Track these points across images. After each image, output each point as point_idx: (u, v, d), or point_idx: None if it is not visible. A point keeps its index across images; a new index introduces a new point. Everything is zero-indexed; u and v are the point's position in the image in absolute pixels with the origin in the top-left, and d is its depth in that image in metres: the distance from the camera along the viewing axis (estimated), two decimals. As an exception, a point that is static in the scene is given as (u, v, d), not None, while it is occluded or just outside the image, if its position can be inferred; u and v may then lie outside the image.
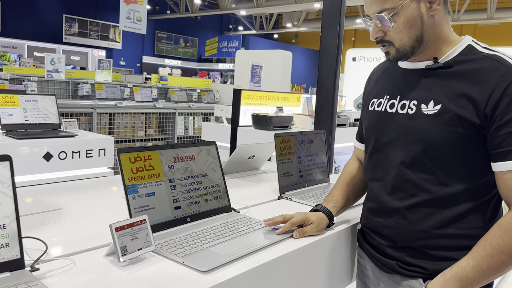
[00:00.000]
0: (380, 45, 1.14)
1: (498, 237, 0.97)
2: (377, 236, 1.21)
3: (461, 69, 1.06)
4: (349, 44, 20.30)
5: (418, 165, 1.09)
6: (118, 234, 0.96)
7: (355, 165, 1.42)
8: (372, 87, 1.31)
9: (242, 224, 1.22)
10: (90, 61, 16.66)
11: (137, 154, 1.12)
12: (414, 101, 1.11)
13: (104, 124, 5.34)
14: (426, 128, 1.07)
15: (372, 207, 1.23)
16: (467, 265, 0.99)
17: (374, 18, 1.09)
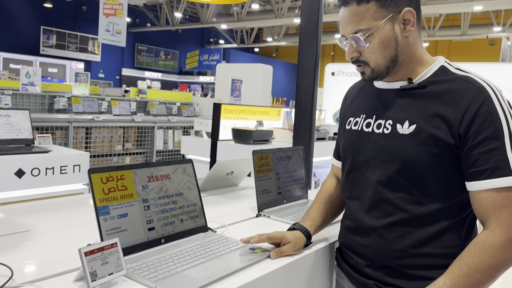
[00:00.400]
0: (356, 65, 1.15)
1: (474, 256, 0.98)
2: (355, 255, 1.20)
3: (435, 90, 1.07)
4: (328, 59, 20.61)
5: (394, 184, 1.10)
6: (88, 258, 0.92)
7: (332, 183, 1.42)
8: (349, 106, 1.32)
9: (218, 245, 1.19)
10: (68, 74, 16.43)
11: (109, 174, 1.09)
12: (390, 121, 1.12)
13: (81, 138, 5.23)
14: (401, 148, 1.08)
15: (349, 225, 1.22)
16: (443, 284, 0.98)
17: (350, 38, 1.10)
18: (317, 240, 1.34)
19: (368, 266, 1.16)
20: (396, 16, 1.07)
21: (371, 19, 1.06)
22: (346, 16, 1.09)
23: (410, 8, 1.07)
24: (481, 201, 1.01)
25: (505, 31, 14.10)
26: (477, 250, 0.98)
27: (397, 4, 1.06)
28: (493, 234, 0.98)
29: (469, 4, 11.06)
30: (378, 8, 1.06)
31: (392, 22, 1.07)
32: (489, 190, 0.99)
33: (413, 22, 1.08)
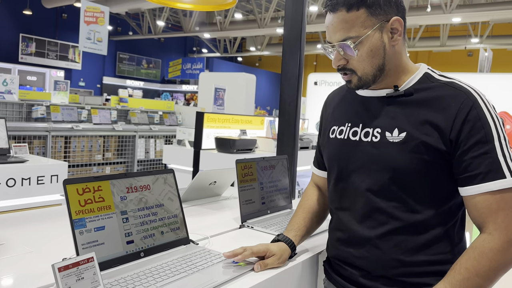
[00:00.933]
0: (342, 73, 1.13)
1: (474, 260, 0.97)
2: (349, 267, 1.16)
3: (421, 97, 1.07)
4: (311, 69, 20.80)
5: (386, 193, 1.08)
6: (62, 274, 0.87)
7: (314, 192, 1.40)
8: (330, 114, 1.29)
9: (200, 258, 1.15)
10: (48, 82, 16.14)
11: (85, 185, 1.04)
12: (378, 129, 1.10)
13: (59, 147, 5.11)
14: (392, 156, 1.06)
15: (341, 237, 1.18)
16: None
17: (337, 45, 1.08)
18: (301, 251, 1.31)
19: (364, 277, 1.13)
20: (384, 24, 1.06)
21: (361, 26, 1.05)
22: (335, 23, 1.07)
23: (398, 17, 1.07)
24: (476, 205, 1.00)
25: (483, 42, 14.48)
26: (476, 254, 0.97)
27: (386, 13, 1.06)
28: (491, 237, 0.97)
29: (448, 16, 11.33)
30: (368, 16, 1.05)
31: (380, 30, 1.06)
32: (484, 194, 0.99)
33: (401, 31, 1.08)
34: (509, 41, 14.92)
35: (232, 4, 2.04)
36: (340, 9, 1.05)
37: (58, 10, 16.59)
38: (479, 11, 11.26)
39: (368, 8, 1.04)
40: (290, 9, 2.12)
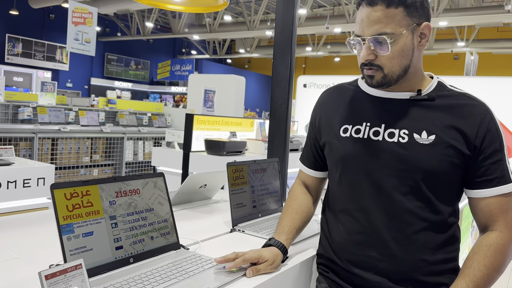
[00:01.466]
0: (367, 68, 1.12)
1: (491, 257, 1.06)
2: (371, 273, 1.12)
3: (443, 103, 1.13)
4: (300, 71, 20.86)
5: (415, 193, 1.10)
6: (49, 282, 0.84)
7: (301, 191, 1.37)
8: (335, 113, 1.25)
9: (191, 263, 1.13)
10: (35, 83, 15.92)
11: (73, 189, 1.02)
12: (405, 130, 1.12)
13: (46, 150, 5.04)
14: (423, 158, 1.09)
15: (361, 240, 1.14)
16: (466, 286, 1.04)
17: (371, 39, 1.08)
18: (294, 255, 1.30)
19: (390, 282, 1.11)
20: (416, 28, 1.09)
21: (397, 24, 1.06)
22: (372, 17, 1.07)
23: (428, 23, 1.10)
24: (489, 206, 1.09)
25: (468, 46, 14.68)
26: (492, 251, 1.06)
27: (420, 17, 1.09)
28: (503, 235, 1.08)
29: (434, 20, 11.45)
30: (405, 16, 1.06)
31: (412, 32, 1.09)
32: (498, 196, 1.08)
33: (428, 38, 1.12)
34: (494, 45, 15.16)
35: (223, 6, 2.03)
36: (380, 4, 1.05)
37: (46, 11, 16.39)
38: (465, 15, 11.42)
39: (406, 8, 1.06)
40: (281, 12, 2.12)
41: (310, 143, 1.35)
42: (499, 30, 15.60)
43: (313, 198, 1.39)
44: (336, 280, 1.21)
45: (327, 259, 1.26)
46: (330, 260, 1.24)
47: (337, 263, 1.21)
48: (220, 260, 1.11)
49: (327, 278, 1.24)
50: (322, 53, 18.53)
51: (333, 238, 1.22)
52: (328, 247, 1.25)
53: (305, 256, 1.32)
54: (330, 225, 1.25)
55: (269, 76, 20.75)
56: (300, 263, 1.28)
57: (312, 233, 1.54)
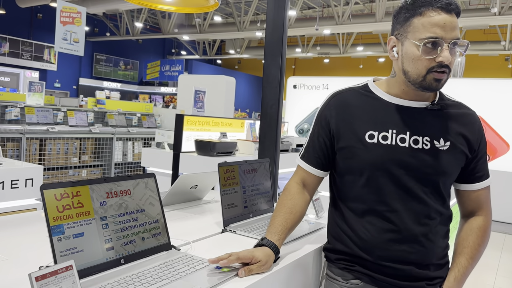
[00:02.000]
0: (441, 70, 1.16)
1: (482, 237, 1.31)
2: (401, 264, 1.24)
3: (449, 112, 1.28)
4: (290, 72, 20.93)
5: (435, 192, 1.25)
6: (39, 284, 0.84)
7: (298, 190, 1.36)
8: (354, 117, 1.28)
9: (182, 264, 1.13)
10: (22, 83, 15.73)
11: (64, 190, 1.01)
12: (427, 137, 1.24)
13: (34, 150, 4.98)
14: (443, 162, 1.23)
15: (394, 238, 1.23)
16: (467, 263, 1.29)
17: (453, 43, 1.15)
18: (285, 255, 1.31)
19: (417, 269, 1.24)
20: None
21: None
22: (454, 22, 1.15)
23: None
24: (479, 196, 1.32)
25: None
26: (483, 232, 1.31)
27: None
28: (487, 218, 1.33)
29: (423, 22, 11.56)
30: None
31: None
32: (484, 188, 1.32)
33: None
34: (480, 47, 15.39)
35: (214, 6, 2.03)
36: (454, 13, 1.16)
37: (33, 10, 16.21)
38: (453, 18, 11.54)
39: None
40: (272, 13, 2.13)
41: (318, 143, 1.34)
42: (485, 33, 15.84)
43: (309, 198, 1.39)
44: (366, 272, 1.28)
45: (350, 255, 1.29)
46: (355, 256, 1.28)
47: (365, 259, 1.26)
48: (214, 260, 1.10)
49: (353, 271, 1.30)
50: (311, 54, 18.61)
51: (360, 237, 1.27)
52: (351, 245, 1.29)
53: (297, 256, 1.33)
54: (352, 224, 1.29)
55: (259, 77, 20.72)
56: (293, 262, 1.29)
57: (303, 233, 1.55)
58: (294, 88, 8.70)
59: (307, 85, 8.58)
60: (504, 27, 14.35)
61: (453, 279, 1.28)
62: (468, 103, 1.35)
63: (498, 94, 6.68)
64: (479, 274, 4.32)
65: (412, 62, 1.18)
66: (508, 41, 14.36)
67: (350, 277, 1.30)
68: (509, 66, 17.56)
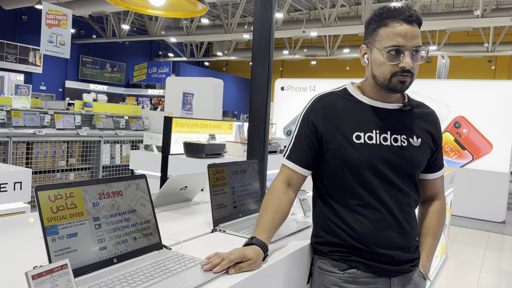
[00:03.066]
0: (404, 74, 1.31)
1: (442, 219, 1.52)
2: (389, 249, 1.36)
3: (417, 112, 1.44)
4: (277, 74, 21.01)
5: (411, 183, 1.41)
6: (36, 282, 0.86)
7: (283, 189, 1.40)
8: (340, 120, 1.38)
9: (174, 262, 1.16)
10: (7, 86, 15.51)
11: (57, 191, 1.03)
12: (404, 136, 1.39)
13: (21, 154, 4.94)
14: (417, 157, 1.40)
15: (384, 226, 1.36)
16: (434, 243, 1.49)
17: (414, 50, 1.29)
18: (273, 252, 1.34)
19: (402, 253, 1.38)
20: None
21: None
22: (414, 32, 1.29)
23: None
24: (437, 183, 1.52)
25: (440, 49, 15.11)
26: (442, 214, 1.52)
27: None
28: (443, 203, 1.54)
29: (408, 24, 11.73)
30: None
31: None
32: (441, 177, 1.52)
33: None
34: (464, 49, 15.66)
35: (203, 11, 2.06)
36: (415, 23, 1.30)
37: (18, 12, 16.01)
38: (436, 20, 11.76)
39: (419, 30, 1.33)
40: (259, 16, 2.17)
41: (306, 144, 1.39)
42: (469, 35, 16.12)
43: (293, 197, 1.44)
44: (361, 261, 1.37)
45: (345, 246, 1.37)
46: (351, 247, 1.37)
47: (360, 248, 1.36)
48: (208, 267, 1.13)
49: (349, 261, 1.38)
50: (299, 57, 18.72)
51: (354, 228, 1.36)
52: (346, 237, 1.37)
53: (285, 253, 1.37)
54: (345, 218, 1.38)
55: (247, 79, 20.69)
56: (281, 259, 1.32)
57: (291, 231, 1.59)
58: (282, 90, 8.76)
59: (295, 87, 8.65)
60: (487, 29, 14.63)
61: (425, 258, 1.46)
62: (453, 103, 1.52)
63: (481, 95, 6.82)
64: (464, 271, 4.41)
65: (378, 67, 1.33)
66: (491, 43, 14.65)
67: (346, 267, 1.37)
68: (492, 67, 17.89)
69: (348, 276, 1.36)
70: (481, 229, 6.26)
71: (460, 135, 6.95)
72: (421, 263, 1.46)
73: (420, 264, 1.45)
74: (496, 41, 14.75)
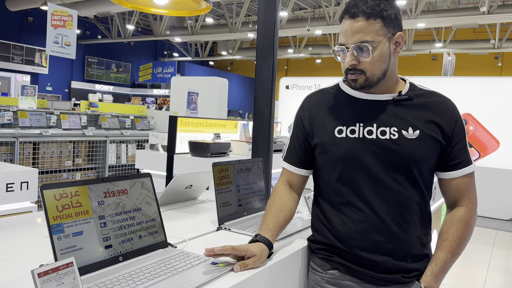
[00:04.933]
0: (350, 72, 1.27)
1: (462, 229, 1.29)
2: (376, 254, 1.26)
3: (420, 101, 1.31)
4: (282, 73, 20.98)
5: (409, 181, 1.27)
6: (42, 280, 0.86)
7: (285, 190, 1.43)
8: (324, 115, 1.36)
9: (179, 260, 1.16)
10: (13, 87, 15.62)
11: (63, 190, 1.04)
12: (394, 128, 1.27)
13: (28, 154, 4.97)
14: (412, 150, 1.25)
15: (367, 228, 1.27)
16: (446, 257, 1.27)
17: (354, 47, 1.23)
18: (279, 250, 1.34)
19: (392, 260, 1.26)
20: (392, 37, 1.26)
21: (376, 34, 1.23)
22: (354, 28, 1.23)
23: (402, 33, 1.27)
24: (458, 185, 1.31)
25: (446, 47, 15.02)
26: (463, 224, 1.29)
27: (395, 27, 1.26)
28: (468, 209, 1.31)
29: (413, 21, 11.69)
30: (382, 27, 1.23)
31: (389, 41, 1.25)
32: (464, 176, 1.30)
33: (402, 45, 1.28)
34: (470, 46, 15.55)
35: (206, 10, 2.06)
36: (361, 16, 1.22)
37: (24, 13, 16.12)
38: (442, 17, 11.69)
39: (383, 20, 1.23)
40: (263, 14, 2.16)
41: (298, 143, 1.42)
42: (475, 31, 16.01)
43: (297, 197, 1.46)
44: (343, 262, 1.31)
45: (329, 245, 1.34)
46: (333, 246, 1.32)
47: (342, 249, 1.30)
48: (210, 249, 1.13)
49: (331, 261, 1.33)
50: (303, 55, 18.69)
51: (336, 228, 1.31)
52: (330, 236, 1.33)
53: (290, 251, 1.37)
54: (329, 217, 1.34)
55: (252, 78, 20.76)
56: (287, 257, 1.32)
57: (296, 229, 1.58)
58: (287, 89, 8.75)
59: (300, 86, 8.64)
60: (494, 25, 14.52)
61: (430, 273, 1.27)
62: (459, 101, 1.42)
63: (488, 92, 6.77)
64: (471, 269, 4.39)
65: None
66: (497, 40, 14.53)
67: (328, 267, 1.34)
68: (498, 64, 17.76)
69: (329, 277, 1.33)
70: (489, 227, 6.22)
71: (467, 132, 6.91)
72: (424, 278, 1.27)
73: (422, 279, 1.27)
74: (502, 37, 14.63)
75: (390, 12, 1.23)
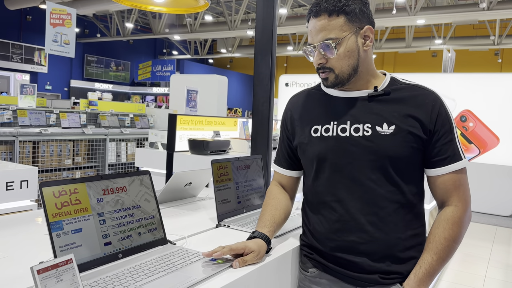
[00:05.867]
0: (321, 71, 1.26)
1: (449, 230, 1.20)
2: (351, 255, 1.23)
3: (397, 96, 1.25)
4: (282, 70, 20.95)
5: (385, 179, 1.21)
6: (41, 277, 0.87)
7: (278, 190, 1.45)
8: (303, 115, 1.36)
9: (178, 257, 1.17)
10: (13, 86, 15.61)
11: (62, 187, 1.04)
12: (368, 124, 1.23)
13: (27, 153, 4.97)
14: (387, 146, 1.20)
15: (340, 227, 1.25)
16: (432, 260, 1.19)
17: (319, 46, 1.22)
18: (278, 246, 1.35)
19: (370, 261, 1.22)
20: (359, 31, 1.23)
21: (340, 30, 1.21)
22: (317, 26, 1.22)
23: (370, 26, 1.25)
24: (445, 182, 1.22)
25: (446, 43, 14.99)
26: (450, 224, 1.20)
27: (361, 21, 1.23)
28: (457, 209, 1.21)
29: (413, 18, 11.67)
30: (346, 22, 1.21)
31: (356, 35, 1.23)
32: (451, 173, 1.21)
33: (372, 39, 1.24)
34: (470, 42, 15.52)
35: (204, 7, 2.06)
36: (323, 14, 1.21)
37: (22, 12, 16.09)
38: (442, 13, 11.67)
39: (346, 15, 1.20)
40: (261, 12, 2.16)
41: (284, 145, 1.44)
42: (474, 28, 15.98)
43: (290, 196, 1.48)
44: (321, 261, 1.31)
45: (309, 245, 1.35)
46: (312, 246, 1.33)
47: (320, 249, 1.30)
48: (208, 254, 1.15)
49: (311, 259, 1.34)
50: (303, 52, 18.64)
51: (315, 228, 1.32)
52: (310, 236, 1.34)
53: (289, 247, 1.37)
54: (310, 217, 1.35)
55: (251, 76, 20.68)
56: (285, 253, 1.33)
57: (295, 226, 1.59)
58: (286, 86, 8.75)
59: (299, 83, 8.63)
60: (493, 22, 14.49)
61: (413, 277, 1.19)
62: (459, 97, 1.37)
63: (488, 88, 6.77)
64: (471, 265, 4.40)
65: None
66: (497, 36, 14.51)
67: (309, 265, 1.35)
68: (498, 60, 17.74)
69: (310, 275, 1.35)
70: (488, 223, 6.22)
71: (467, 129, 6.91)
72: (407, 281, 1.20)
73: (406, 282, 1.20)
74: (502, 34, 14.61)
75: (353, 6, 1.21)
